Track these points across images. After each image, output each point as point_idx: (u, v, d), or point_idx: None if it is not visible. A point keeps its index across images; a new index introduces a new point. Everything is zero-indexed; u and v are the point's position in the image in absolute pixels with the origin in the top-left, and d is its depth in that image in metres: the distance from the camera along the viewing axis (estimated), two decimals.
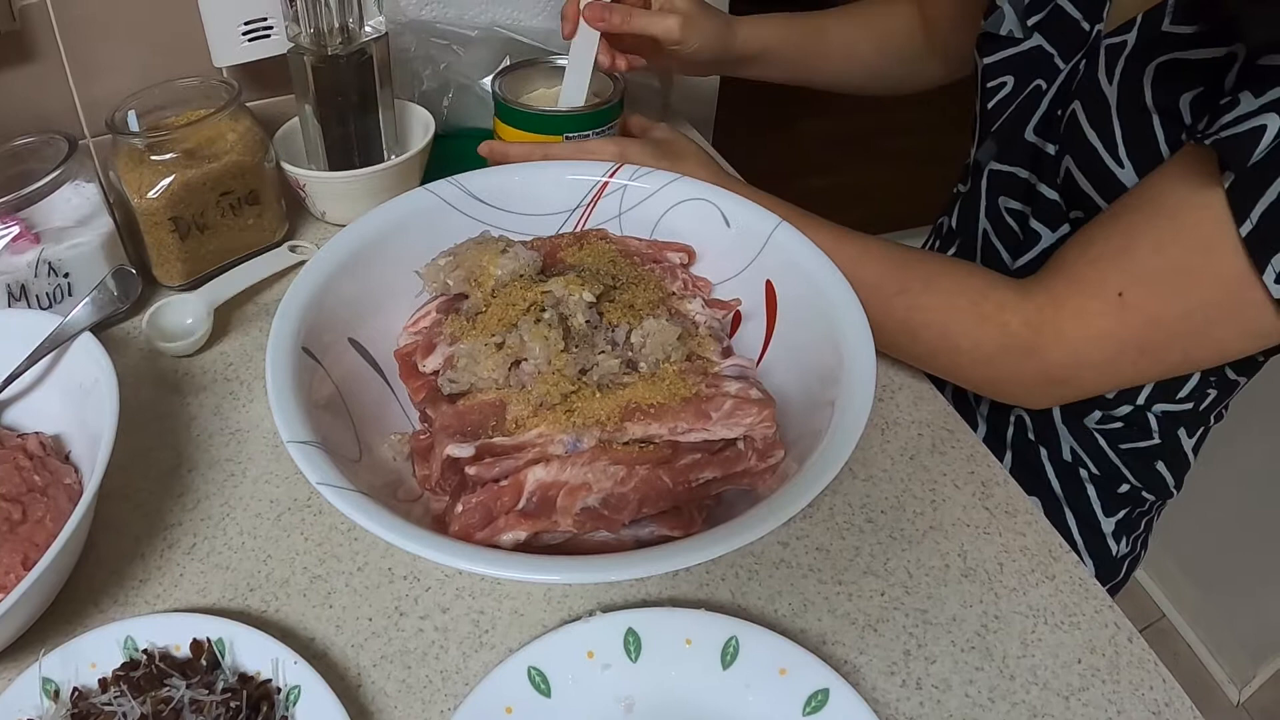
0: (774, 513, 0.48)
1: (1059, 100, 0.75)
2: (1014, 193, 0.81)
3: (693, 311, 0.63)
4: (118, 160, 0.77)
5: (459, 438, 0.53)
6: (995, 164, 0.82)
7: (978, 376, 0.71)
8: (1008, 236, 0.82)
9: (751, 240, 0.67)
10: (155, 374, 0.75)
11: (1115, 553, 0.87)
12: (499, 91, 0.83)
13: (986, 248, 0.85)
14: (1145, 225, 0.61)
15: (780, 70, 0.95)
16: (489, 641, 0.58)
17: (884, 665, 0.58)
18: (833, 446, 0.52)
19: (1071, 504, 0.85)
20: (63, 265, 0.73)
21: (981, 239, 0.85)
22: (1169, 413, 0.80)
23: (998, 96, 0.80)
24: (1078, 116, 0.70)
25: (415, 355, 0.61)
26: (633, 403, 0.54)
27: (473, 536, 0.50)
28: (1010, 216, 0.82)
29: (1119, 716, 0.56)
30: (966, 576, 0.63)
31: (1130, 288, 0.61)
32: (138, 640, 0.54)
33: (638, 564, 0.46)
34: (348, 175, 0.84)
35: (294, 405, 0.53)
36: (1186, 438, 0.82)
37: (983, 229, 0.85)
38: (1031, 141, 0.78)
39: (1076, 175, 0.71)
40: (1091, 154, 0.69)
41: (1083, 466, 0.84)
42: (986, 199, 0.84)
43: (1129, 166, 0.66)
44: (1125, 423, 0.81)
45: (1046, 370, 0.66)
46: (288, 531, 0.63)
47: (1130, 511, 0.86)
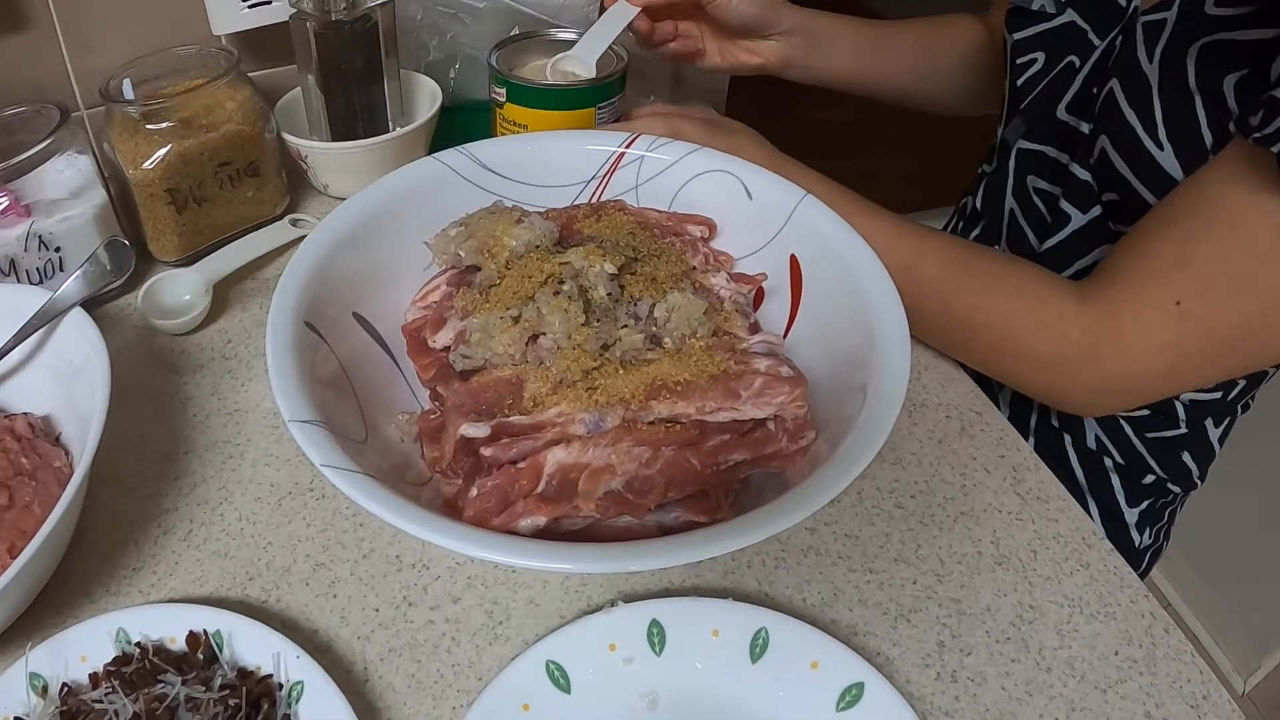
0: (807, 500, 0.46)
1: (1094, 77, 0.72)
2: (1044, 172, 0.78)
3: (717, 286, 0.60)
4: (112, 130, 0.75)
5: (473, 417, 0.50)
6: (1024, 143, 0.79)
7: (1036, 383, 0.69)
8: (1035, 217, 0.80)
9: (775, 214, 0.64)
10: (150, 352, 0.72)
11: (1138, 544, 0.85)
12: (495, 65, 0.80)
13: (1013, 229, 0.82)
14: (1202, 234, 0.59)
15: (838, 63, 0.90)
16: (503, 634, 0.55)
17: (918, 657, 0.55)
18: (866, 431, 0.49)
19: (1095, 493, 0.83)
20: (54, 239, 0.71)
21: (1008, 220, 0.83)
22: (1197, 402, 0.78)
23: (1028, 73, 0.77)
24: (1115, 95, 0.68)
25: (424, 331, 0.58)
26: (658, 380, 0.51)
27: (488, 522, 0.48)
28: (1038, 197, 0.79)
29: (1157, 710, 0.54)
30: (1000, 564, 0.60)
31: (1189, 299, 0.60)
32: (130, 632, 0.51)
33: (667, 552, 0.43)
34: (351, 146, 0.81)
35: (296, 382, 0.50)
36: (1213, 427, 0.81)
37: (1009, 209, 0.82)
38: (1064, 120, 0.75)
39: (1112, 156, 0.69)
40: (1129, 134, 0.66)
41: (1107, 455, 0.81)
42: (1014, 178, 0.81)
43: (1169, 148, 0.64)
44: (1152, 411, 0.79)
45: (1105, 380, 0.64)
46: (289, 517, 0.60)
47: (1154, 502, 0.84)
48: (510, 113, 0.80)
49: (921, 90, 0.95)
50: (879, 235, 0.62)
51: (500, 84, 0.79)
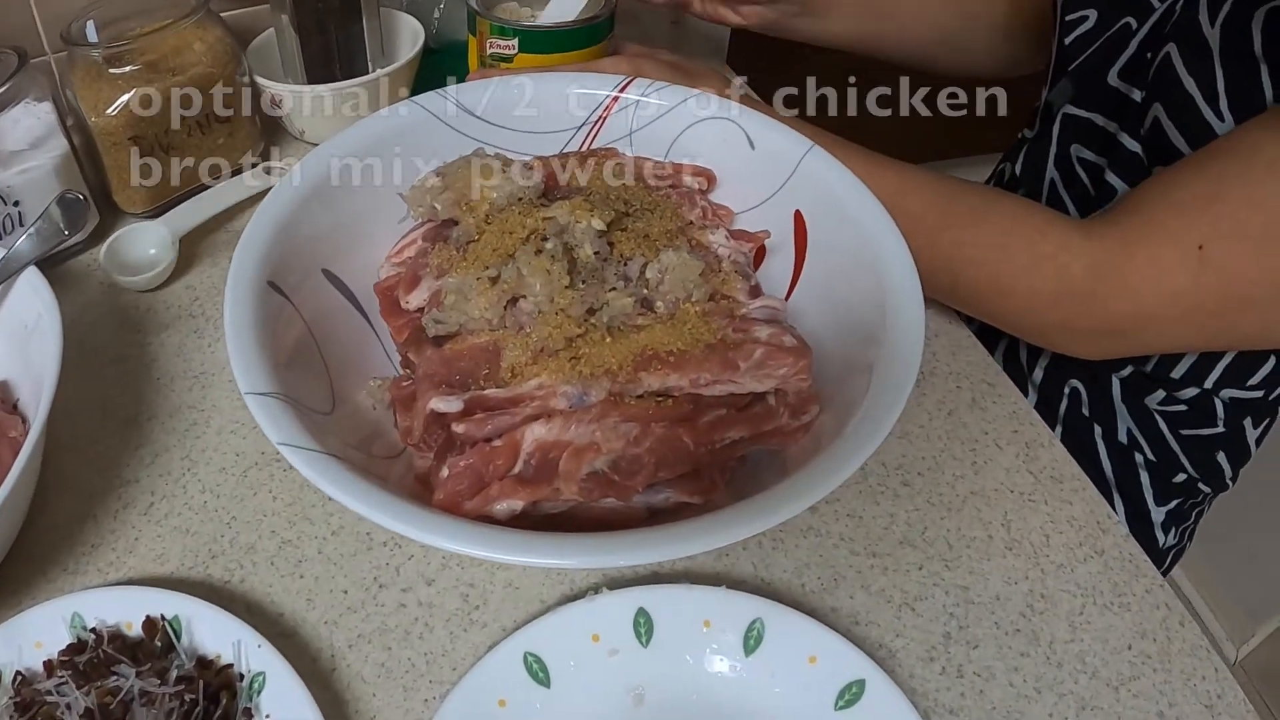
0: (811, 485, 0.42)
1: (1150, 42, 0.67)
2: (1090, 142, 0.73)
3: (715, 244, 0.55)
4: (74, 76, 0.71)
5: (445, 389, 0.46)
6: (1071, 108, 0.74)
7: (1026, 324, 0.64)
8: (1078, 189, 0.74)
9: (779, 166, 0.59)
10: (114, 312, 0.68)
11: (1162, 544, 0.80)
12: (474, 5, 0.74)
13: (1053, 200, 0.77)
14: (1238, 174, 0.55)
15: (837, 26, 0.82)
16: (479, 619, 0.51)
17: (922, 650, 0.52)
18: (876, 407, 0.45)
19: (1122, 489, 0.78)
20: (12, 193, 0.67)
21: (1048, 190, 0.77)
22: (1237, 399, 0.73)
23: (1078, 31, 0.71)
24: (1172, 60, 0.62)
25: (398, 289, 0.54)
26: (649, 349, 0.47)
27: (460, 506, 0.44)
28: (1082, 167, 0.74)
29: (1170, 710, 0.51)
30: (1011, 549, 0.57)
31: (1213, 241, 0.55)
32: (86, 617, 0.48)
33: (657, 544, 0.39)
34: (328, 89, 0.77)
35: (255, 350, 0.46)
36: (1251, 428, 0.76)
37: (1050, 179, 0.77)
38: (1115, 86, 0.69)
39: (1166, 126, 0.63)
40: (1186, 103, 0.61)
41: (1139, 450, 0.77)
42: (1057, 146, 0.76)
43: (1229, 119, 0.59)
44: (1190, 406, 0.74)
45: (1107, 320, 0.60)
46: (254, 489, 0.57)
47: (1183, 502, 0.79)
48: (522, 64, 0.73)
49: (946, 53, 0.87)
50: (855, 172, 0.57)
51: (506, 34, 0.72)
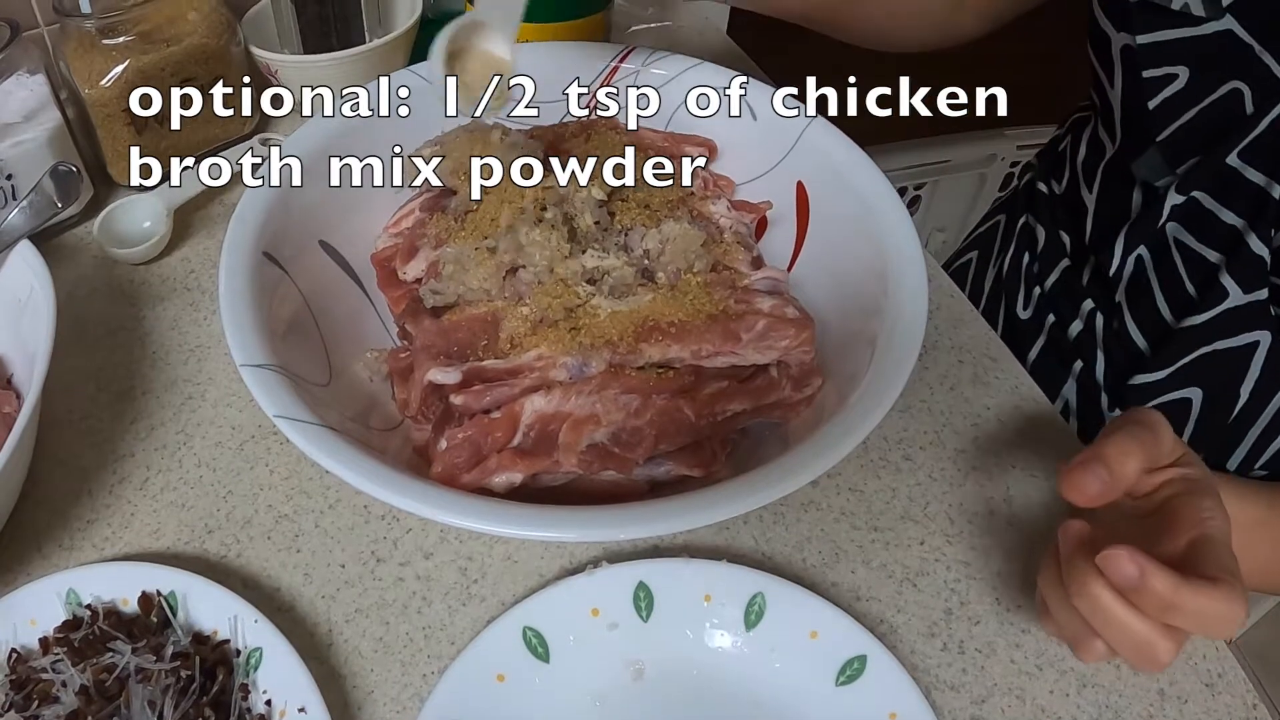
0: (815, 458, 0.42)
1: None
2: (1208, 235, 0.60)
3: (716, 214, 0.55)
4: (67, 47, 0.69)
5: (443, 360, 0.46)
6: (1179, 194, 0.61)
7: None
8: (1174, 284, 0.63)
9: (782, 136, 0.59)
10: (109, 284, 0.67)
11: None
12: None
13: (1137, 288, 0.65)
14: None
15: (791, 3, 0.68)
16: (478, 593, 0.51)
17: (923, 626, 0.51)
18: (879, 380, 0.45)
19: None
20: (5, 166, 0.66)
21: (1130, 274, 0.66)
22: None
23: (1165, 93, 0.58)
24: None
25: (395, 260, 0.53)
26: (649, 320, 0.46)
27: (459, 479, 0.43)
28: (1187, 262, 0.61)
29: (1171, 688, 0.50)
30: (1012, 525, 0.56)
31: None
32: (81, 594, 0.48)
33: (659, 518, 0.39)
34: (324, 59, 0.76)
35: (250, 322, 0.46)
36: None
37: (1137, 258, 0.66)
38: (1235, 169, 0.57)
39: None
40: None
41: None
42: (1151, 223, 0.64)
43: None
44: None
45: None
46: (251, 463, 0.56)
47: None
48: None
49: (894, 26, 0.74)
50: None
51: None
